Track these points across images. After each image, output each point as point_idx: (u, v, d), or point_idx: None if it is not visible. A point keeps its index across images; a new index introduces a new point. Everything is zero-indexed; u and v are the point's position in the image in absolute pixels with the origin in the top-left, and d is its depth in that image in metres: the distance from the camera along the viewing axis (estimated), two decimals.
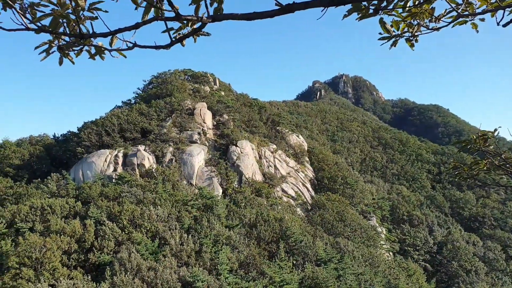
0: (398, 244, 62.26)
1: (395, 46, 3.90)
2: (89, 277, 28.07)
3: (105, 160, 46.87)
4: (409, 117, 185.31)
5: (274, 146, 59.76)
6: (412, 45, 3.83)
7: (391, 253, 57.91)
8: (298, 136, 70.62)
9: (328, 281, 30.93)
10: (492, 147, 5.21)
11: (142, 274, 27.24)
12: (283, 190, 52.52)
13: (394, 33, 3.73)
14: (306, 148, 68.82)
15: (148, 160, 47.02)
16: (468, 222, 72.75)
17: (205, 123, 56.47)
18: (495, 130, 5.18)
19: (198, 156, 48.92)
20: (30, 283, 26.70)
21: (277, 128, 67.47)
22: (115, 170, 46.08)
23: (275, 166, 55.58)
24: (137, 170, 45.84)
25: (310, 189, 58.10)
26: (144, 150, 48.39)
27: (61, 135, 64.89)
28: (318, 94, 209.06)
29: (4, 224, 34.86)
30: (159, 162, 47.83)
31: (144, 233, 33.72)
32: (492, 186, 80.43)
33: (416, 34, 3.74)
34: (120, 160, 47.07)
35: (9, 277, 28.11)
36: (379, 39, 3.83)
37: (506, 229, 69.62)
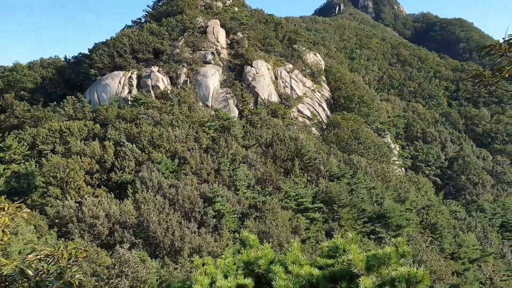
0: (410, 160, 63.58)
1: None
2: (112, 195, 29.87)
3: (119, 82, 47.03)
4: (431, 33, 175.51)
5: (291, 66, 58.46)
6: None
7: (403, 168, 59.43)
8: (315, 55, 68.52)
9: (341, 195, 32.49)
10: None
11: (164, 191, 28.91)
12: (298, 111, 52.62)
13: None
14: (323, 67, 67.17)
15: (163, 82, 47.00)
16: (480, 138, 72.99)
17: (218, 42, 54.84)
18: None
19: (213, 77, 48.53)
20: (58, 201, 28.62)
21: (294, 46, 65.18)
22: (130, 92, 46.43)
23: (291, 86, 54.97)
24: (152, 91, 46.10)
25: (326, 108, 58.01)
26: (157, 71, 48.11)
27: (72, 57, 64.38)
28: (337, 8, 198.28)
29: (26, 147, 36.37)
30: (174, 84, 47.79)
31: (163, 153, 35.10)
32: (509, 102, 78.77)
33: None
34: (135, 82, 47.17)
35: (37, 195, 30.17)
36: None
37: None
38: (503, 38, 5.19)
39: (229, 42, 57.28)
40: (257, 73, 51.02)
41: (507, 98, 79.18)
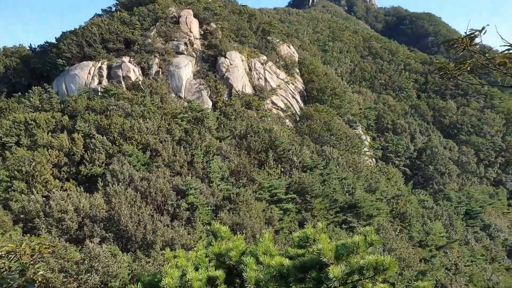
0: (381, 151, 65.17)
1: None
2: (82, 188, 29.01)
3: (89, 73, 45.59)
4: (401, 26, 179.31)
5: (265, 58, 58.35)
6: None
7: (373, 159, 60.87)
8: (289, 47, 68.65)
9: (314, 186, 32.96)
10: (478, 46, 5.24)
11: (136, 184, 28.40)
12: (272, 103, 52.74)
13: None
14: (296, 59, 67.44)
15: (134, 72, 45.91)
16: (447, 129, 75.61)
17: (191, 32, 53.97)
18: (483, 28, 5.18)
19: (186, 68, 47.81)
20: (23, 195, 27.50)
21: (268, 38, 65.03)
22: (100, 83, 45.11)
23: (265, 78, 54.95)
24: (123, 82, 44.97)
25: (300, 100, 58.42)
26: (129, 61, 46.90)
27: (38, 46, 61.79)
28: (311, 1, 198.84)
29: None
30: (145, 75, 46.78)
31: (135, 145, 34.42)
32: (473, 94, 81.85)
33: None
34: (105, 73, 45.84)
35: (0, 190, 28.83)
36: None
37: (481, 135, 73.04)
38: (465, 32, 5.34)
39: (202, 32, 56.47)
40: (231, 64, 50.66)
41: (471, 91, 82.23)
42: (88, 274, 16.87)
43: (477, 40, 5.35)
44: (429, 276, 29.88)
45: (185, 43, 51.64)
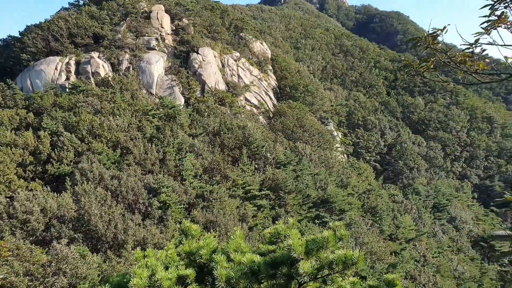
0: (352, 147, 66.43)
1: None
2: (49, 188, 27.95)
3: (56, 68, 44.00)
4: (371, 24, 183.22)
5: (238, 54, 58.13)
6: None
7: (345, 155, 61.98)
8: (262, 43, 68.69)
9: (287, 181, 33.21)
10: (440, 45, 5.39)
11: (106, 183, 27.68)
12: (246, 99, 52.67)
13: None
14: (269, 56, 67.62)
15: (103, 68, 44.68)
16: (416, 125, 77.94)
17: (163, 28, 53.04)
18: (444, 27, 5.34)
19: (157, 64, 46.97)
20: None
21: (241, 34, 64.83)
22: (67, 79, 43.61)
23: (238, 75, 54.78)
24: (92, 79, 43.67)
25: (273, 97, 58.63)
26: (98, 57, 45.58)
27: (0, 39, 59.01)
28: None
29: None
30: (116, 71, 45.61)
31: (104, 143, 33.52)
32: (439, 91, 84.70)
33: None
34: (73, 68, 44.36)
35: None
36: None
37: (447, 131, 75.79)
38: (427, 31, 5.48)
39: (174, 28, 55.63)
40: (203, 60, 50.17)
41: (438, 88, 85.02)
42: (55, 277, 16.31)
43: (440, 38, 5.50)
44: (399, 268, 30.79)
45: (157, 39, 50.72)
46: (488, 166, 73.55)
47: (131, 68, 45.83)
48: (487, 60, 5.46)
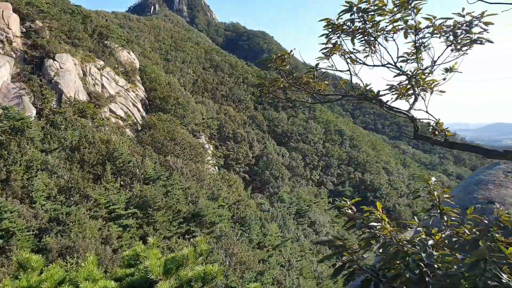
0: (223, 159, 68.10)
1: None
2: None
3: None
4: (240, 42, 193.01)
5: (102, 63, 54.20)
6: None
7: (216, 167, 63.11)
8: (129, 53, 65.58)
9: (156, 198, 32.04)
10: (288, 67, 5.87)
11: None
12: (111, 111, 49.34)
13: None
14: (137, 67, 64.93)
15: None
16: (280, 137, 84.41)
17: (10, 29, 46.09)
18: (291, 51, 5.85)
19: (2, 70, 40.58)
20: None
21: (106, 42, 60.74)
22: None
23: (102, 84, 51.03)
24: None
25: (141, 109, 56.29)
26: None
27: None
28: (152, 8, 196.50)
29: None
30: None
31: None
32: (300, 107, 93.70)
33: None
34: None
35: None
36: None
37: (307, 142, 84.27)
38: (276, 54, 5.89)
39: (24, 30, 48.90)
40: (61, 68, 45.35)
41: (298, 104, 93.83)
42: None
43: (300, 58, 6.00)
44: (266, 275, 32.35)
45: (1, 41, 43.92)
46: (340, 173, 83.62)
47: None
48: (326, 82, 6.13)
